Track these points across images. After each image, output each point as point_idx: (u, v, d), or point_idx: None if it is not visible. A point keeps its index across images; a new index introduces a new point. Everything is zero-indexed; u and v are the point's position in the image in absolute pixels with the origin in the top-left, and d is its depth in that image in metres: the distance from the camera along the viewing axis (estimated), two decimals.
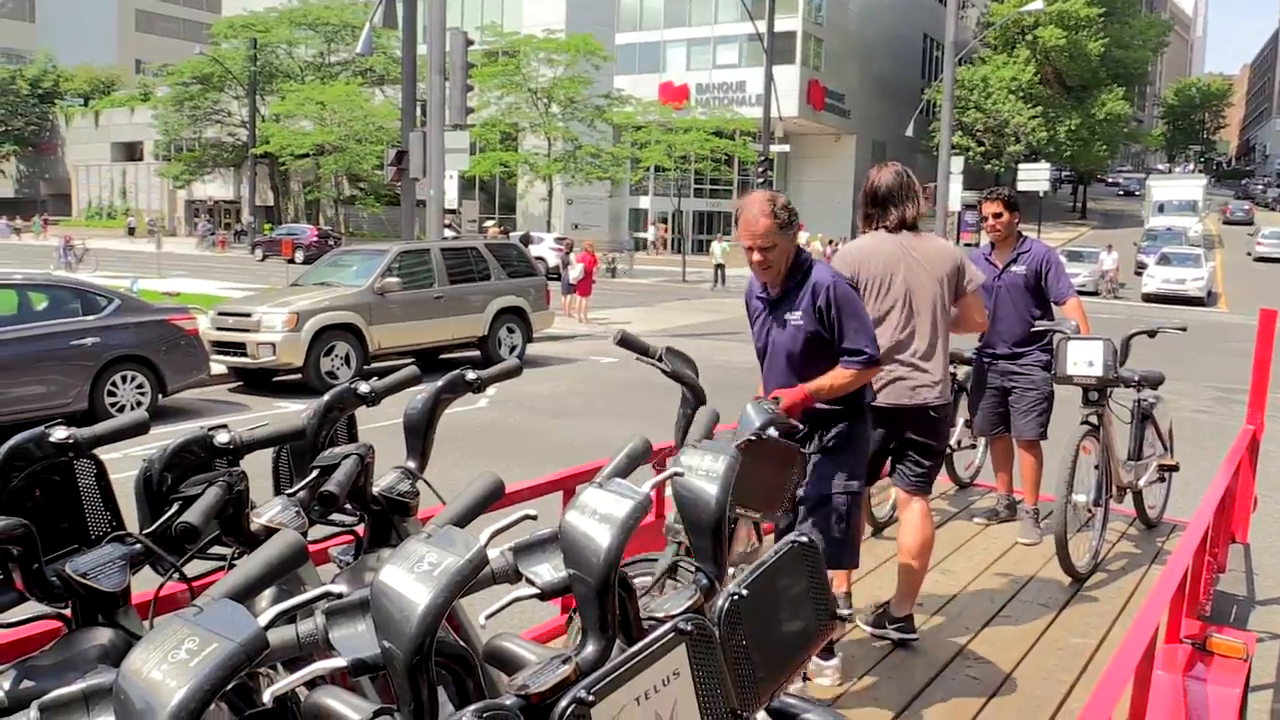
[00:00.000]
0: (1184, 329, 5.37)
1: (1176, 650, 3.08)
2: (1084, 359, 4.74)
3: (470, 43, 19.19)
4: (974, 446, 6.20)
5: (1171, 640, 3.08)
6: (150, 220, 53.54)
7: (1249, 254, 42.32)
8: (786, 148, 39.33)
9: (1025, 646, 3.85)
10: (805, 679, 3.29)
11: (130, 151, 63.50)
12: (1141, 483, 5.34)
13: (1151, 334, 5.33)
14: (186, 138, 53.55)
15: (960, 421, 5.98)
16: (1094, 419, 4.83)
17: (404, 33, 19.10)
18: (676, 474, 1.63)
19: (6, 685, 1.66)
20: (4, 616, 1.89)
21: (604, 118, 42.07)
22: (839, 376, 3.32)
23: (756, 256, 3.35)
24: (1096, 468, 4.91)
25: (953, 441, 5.95)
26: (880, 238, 3.85)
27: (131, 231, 53.01)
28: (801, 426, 3.29)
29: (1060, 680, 3.56)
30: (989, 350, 5.40)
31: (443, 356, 14.01)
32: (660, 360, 3.19)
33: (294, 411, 2.13)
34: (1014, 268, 5.25)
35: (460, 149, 18.29)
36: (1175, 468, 5.62)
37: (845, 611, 2.11)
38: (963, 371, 5.90)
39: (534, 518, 1.55)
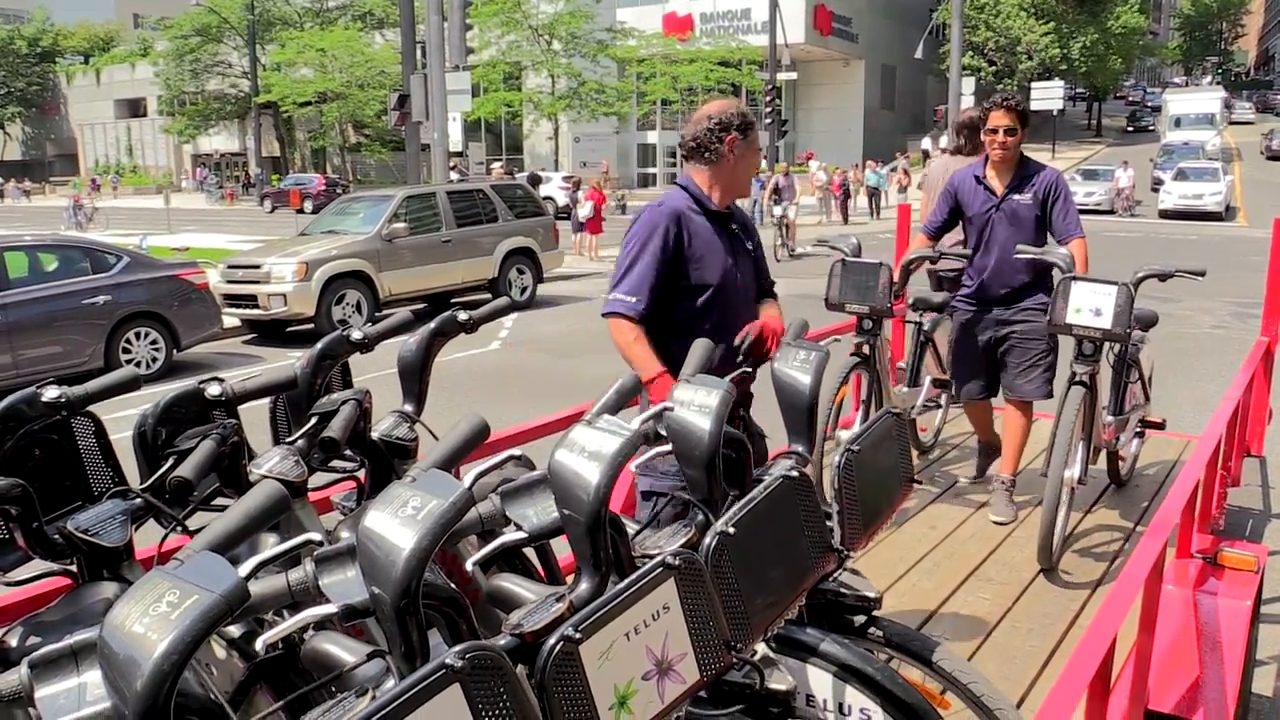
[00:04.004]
0: (1203, 274, 4.47)
1: (1188, 565, 3.08)
2: (1090, 305, 3.90)
3: None
4: (937, 406, 5.27)
5: (1183, 555, 3.08)
6: (113, 177, 54.12)
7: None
8: (794, 75, 38.68)
9: (1031, 574, 3.84)
10: None
11: (134, 108, 62.96)
12: (1120, 442, 4.55)
13: (1163, 278, 4.38)
14: (189, 91, 53.04)
15: (927, 380, 5.03)
16: (1088, 378, 4.04)
17: None
18: (667, 409, 1.61)
19: (14, 641, 1.68)
20: (15, 574, 1.91)
21: (607, 53, 41.40)
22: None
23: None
24: (1083, 437, 4.12)
25: (917, 404, 4.98)
26: None
27: (97, 187, 52.46)
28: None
29: (1072, 601, 3.57)
30: (978, 297, 4.43)
31: (454, 301, 13.99)
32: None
33: (287, 362, 2.12)
34: (1017, 195, 4.27)
35: (462, 90, 18.10)
36: (1160, 425, 4.92)
37: None
38: (929, 320, 5.03)
39: (519, 458, 1.54)
